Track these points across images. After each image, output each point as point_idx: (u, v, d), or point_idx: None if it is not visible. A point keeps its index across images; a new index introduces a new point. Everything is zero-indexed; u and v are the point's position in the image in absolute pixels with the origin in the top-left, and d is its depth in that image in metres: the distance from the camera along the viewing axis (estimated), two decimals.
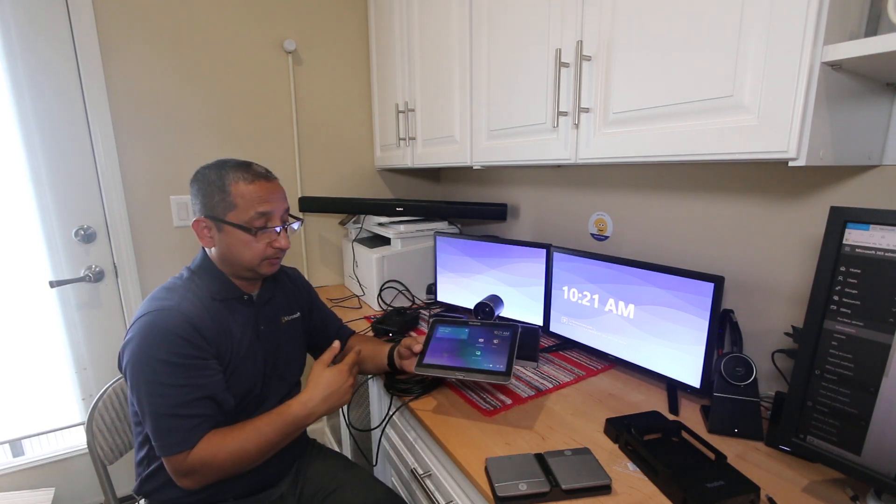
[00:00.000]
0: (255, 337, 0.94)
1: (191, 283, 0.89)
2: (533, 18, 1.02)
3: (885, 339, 0.59)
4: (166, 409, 0.78)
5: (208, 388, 0.82)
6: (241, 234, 0.87)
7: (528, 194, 1.60)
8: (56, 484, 1.58)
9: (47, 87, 1.39)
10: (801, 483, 0.72)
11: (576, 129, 0.94)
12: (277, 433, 0.84)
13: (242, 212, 0.86)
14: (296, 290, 1.09)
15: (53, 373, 1.54)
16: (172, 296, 0.85)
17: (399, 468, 1.14)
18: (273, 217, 0.90)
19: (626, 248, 1.24)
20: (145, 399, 0.79)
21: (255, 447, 0.82)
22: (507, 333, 0.99)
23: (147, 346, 0.79)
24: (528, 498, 0.68)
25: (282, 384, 0.99)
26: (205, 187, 0.88)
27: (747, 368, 0.87)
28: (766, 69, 0.64)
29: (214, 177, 0.87)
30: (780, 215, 0.92)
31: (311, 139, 1.84)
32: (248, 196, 0.87)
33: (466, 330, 1.03)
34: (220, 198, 0.86)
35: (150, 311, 0.82)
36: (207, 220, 0.88)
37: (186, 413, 0.79)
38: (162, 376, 0.78)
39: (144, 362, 0.79)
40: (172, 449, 0.79)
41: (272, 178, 0.92)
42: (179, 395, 0.79)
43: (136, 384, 0.80)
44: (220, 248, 0.90)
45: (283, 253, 0.93)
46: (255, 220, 0.87)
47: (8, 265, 1.43)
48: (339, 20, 1.81)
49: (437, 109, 1.42)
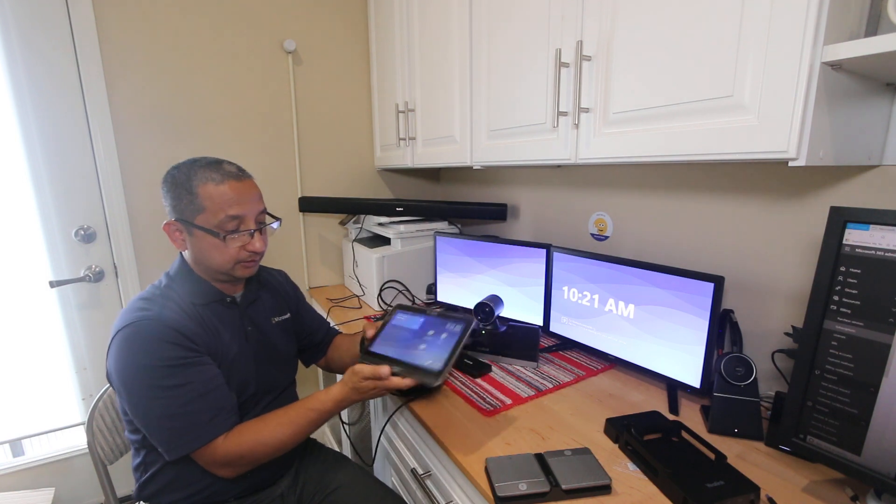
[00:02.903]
0: (243, 339, 0.93)
1: (169, 290, 0.87)
2: (533, 18, 1.02)
3: (885, 339, 0.59)
4: (174, 410, 0.78)
5: (213, 381, 0.82)
6: (210, 238, 0.84)
7: (528, 194, 1.60)
8: (56, 484, 1.58)
9: (47, 87, 1.39)
10: (801, 483, 0.72)
11: (576, 129, 0.94)
12: (309, 424, 0.86)
13: (211, 215, 0.83)
14: (283, 292, 1.09)
15: (53, 373, 1.54)
16: (151, 305, 0.83)
17: (399, 468, 1.14)
18: (246, 219, 0.86)
19: (626, 248, 1.24)
20: (145, 406, 0.78)
21: (290, 439, 0.85)
22: (458, 328, 0.88)
23: (134, 356, 0.78)
24: (528, 498, 0.68)
25: (276, 384, 0.99)
26: (173, 188, 0.84)
27: (747, 368, 0.87)
28: (766, 69, 0.64)
29: (183, 177, 0.83)
30: (780, 215, 0.92)
31: (311, 139, 1.84)
32: (216, 198, 0.83)
33: (421, 319, 0.95)
34: (188, 200, 0.83)
35: (128, 323, 0.79)
36: (177, 223, 0.85)
37: (197, 409, 0.79)
38: (159, 381, 0.77)
39: (136, 372, 0.78)
40: (192, 445, 0.79)
41: (244, 178, 0.87)
42: (183, 394, 0.78)
43: (131, 395, 0.79)
44: (192, 252, 0.88)
45: (258, 256, 0.90)
46: (225, 223, 0.84)
47: (8, 265, 1.43)
48: (339, 20, 1.81)
49: (437, 109, 1.42)
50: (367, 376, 0.82)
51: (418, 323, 0.95)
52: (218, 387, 0.83)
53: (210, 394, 0.81)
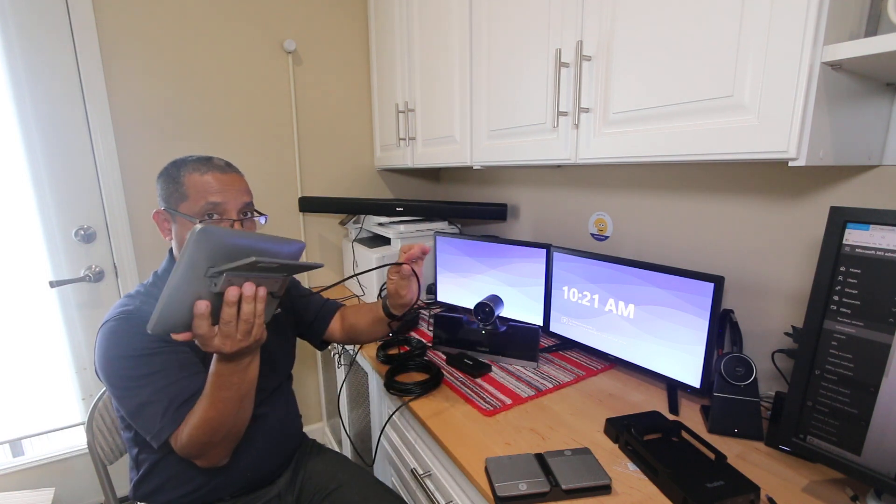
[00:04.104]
0: None
1: (154, 288, 0.90)
2: (533, 18, 1.02)
3: (885, 339, 0.59)
4: (144, 399, 0.79)
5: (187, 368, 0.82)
6: (190, 224, 0.85)
7: (528, 194, 1.60)
8: (56, 484, 1.58)
9: (47, 87, 1.39)
10: (801, 483, 0.72)
11: (576, 129, 0.94)
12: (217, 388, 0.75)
13: (192, 203, 0.85)
14: None
15: (53, 373, 1.54)
16: (133, 301, 0.86)
17: (399, 468, 1.14)
18: (226, 208, 0.86)
19: (626, 248, 1.24)
20: (122, 398, 0.80)
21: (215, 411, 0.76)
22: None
23: (109, 349, 0.80)
24: (528, 498, 0.68)
25: (272, 377, 0.99)
26: (164, 180, 0.88)
27: (747, 368, 0.87)
28: (766, 69, 0.64)
29: (174, 170, 0.87)
30: (780, 215, 0.92)
31: (311, 139, 1.84)
32: (199, 186, 0.85)
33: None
34: (173, 188, 0.86)
35: (110, 318, 0.83)
36: (164, 212, 0.89)
37: (163, 398, 0.79)
38: (133, 370, 0.79)
39: (111, 365, 0.80)
40: (162, 435, 0.79)
41: (229, 171, 0.90)
42: (156, 381, 0.79)
43: (114, 388, 0.81)
44: (176, 241, 0.90)
45: None
46: (205, 210, 0.85)
47: (8, 265, 1.43)
48: (339, 20, 1.81)
49: (437, 109, 1.42)
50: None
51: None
52: (191, 375, 0.82)
53: (183, 381, 0.81)
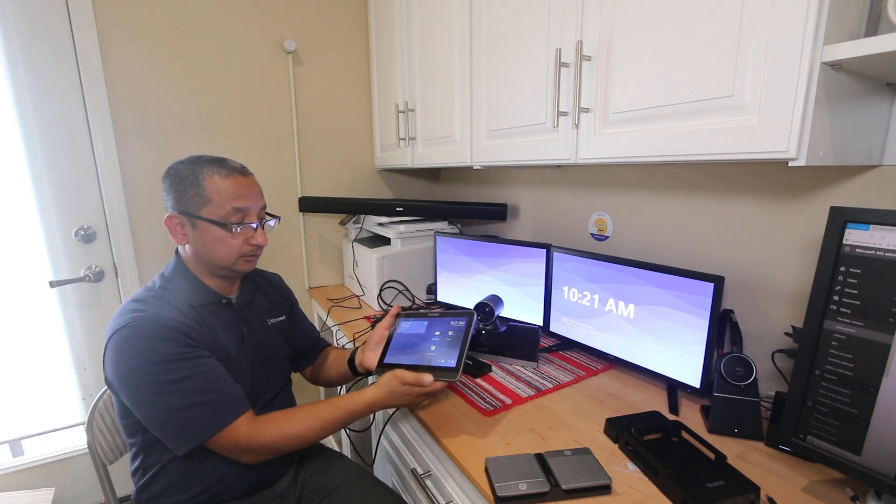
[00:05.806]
0: (239, 340, 0.93)
1: (164, 291, 0.87)
2: (533, 18, 1.02)
3: (885, 339, 0.59)
4: (186, 401, 0.78)
5: (218, 370, 0.82)
6: (216, 230, 0.85)
7: (528, 194, 1.60)
8: (56, 484, 1.58)
9: (47, 87, 1.39)
10: (801, 483, 0.72)
11: (576, 129, 0.94)
12: (337, 422, 0.87)
13: (218, 207, 0.84)
14: (278, 294, 1.09)
15: (53, 373, 1.54)
16: (146, 306, 0.82)
17: (399, 468, 1.14)
18: (249, 213, 0.88)
19: (626, 248, 1.24)
20: (152, 404, 0.78)
21: (314, 433, 0.85)
22: (462, 323, 0.93)
23: (133, 356, 0.77)
24: (528, 498, 0.68)
25: (272, 385, 0.99)
26: (177, 182, 0.86)
27: (747, 368, 0.87)
28: (766, 69, 0.64)
29: (188, 172, 0.85)
30: (780, 215, 0.92)
31: (311, 139, 1.84)
32: (223, 191, 0.84)
33: (425, 322, 0.98)
34: (193, 192, 0.84)
35: (123, 325, 0.79)
36: (181, 217, 0.86)
37: (209, 398, 0.79)
38: (161, 376, 0.77)
39: (137, 371, 0.77)
40: (210, 431, 0.78)
41: (248, 174, 0.90)
42: (190, 385, 0.78)
43: (136, 394, 0.79)
44: (193, 246, 0.88)
45: (260, 250, 0.91)
46: (230, 215, 0.85)
47: (8, 265, 1.43)
48: (340, 20, 1.81)
49: (437, 109, 1.42)
50: (409, 382, 0.84)
51: (423, 326, 0.98)
52: (224, 375, 0.83)
53: (219, 381, 0.82)
